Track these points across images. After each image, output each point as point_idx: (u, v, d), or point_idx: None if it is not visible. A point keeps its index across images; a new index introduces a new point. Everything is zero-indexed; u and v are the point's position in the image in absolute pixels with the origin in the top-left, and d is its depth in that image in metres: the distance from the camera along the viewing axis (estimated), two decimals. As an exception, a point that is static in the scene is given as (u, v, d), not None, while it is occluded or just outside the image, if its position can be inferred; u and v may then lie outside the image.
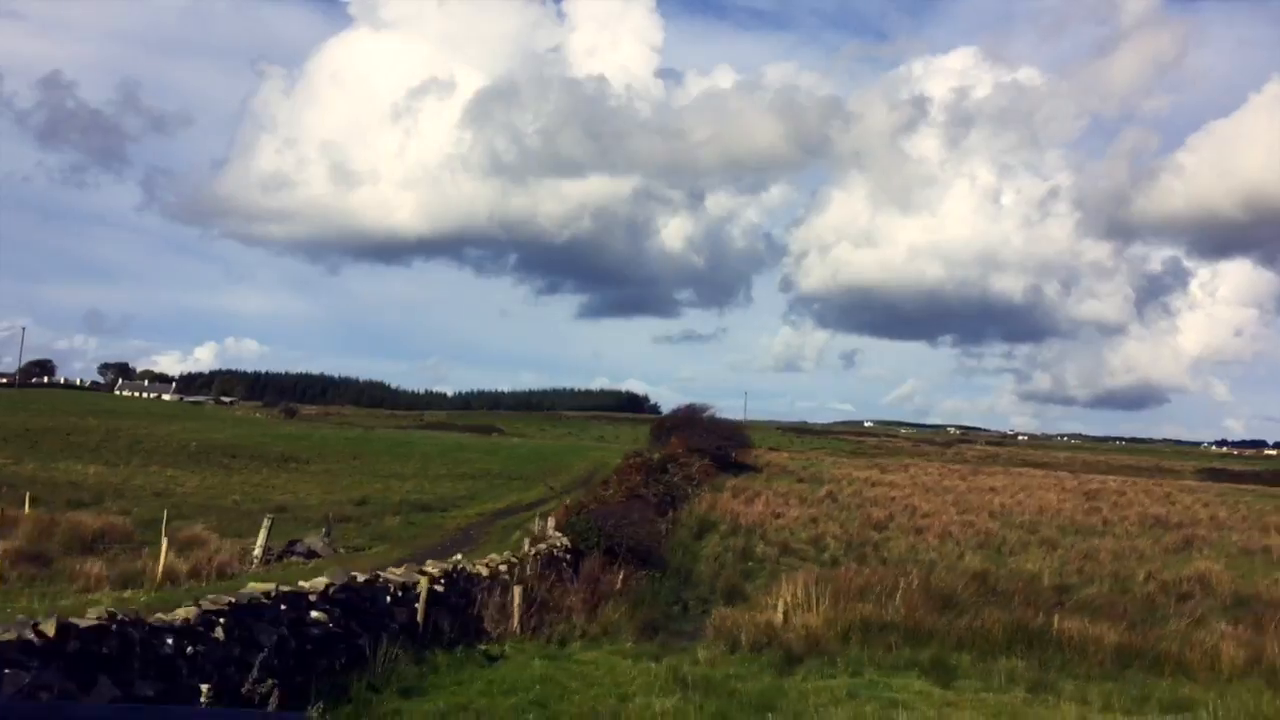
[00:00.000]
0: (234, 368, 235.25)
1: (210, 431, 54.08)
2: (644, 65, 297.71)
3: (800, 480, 47.32)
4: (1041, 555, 26.55)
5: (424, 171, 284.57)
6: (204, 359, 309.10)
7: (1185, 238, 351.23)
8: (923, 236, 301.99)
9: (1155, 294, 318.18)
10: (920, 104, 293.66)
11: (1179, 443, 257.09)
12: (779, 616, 18.15)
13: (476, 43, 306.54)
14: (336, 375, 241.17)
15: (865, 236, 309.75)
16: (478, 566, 14.54)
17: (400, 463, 45.80)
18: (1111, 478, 67.01)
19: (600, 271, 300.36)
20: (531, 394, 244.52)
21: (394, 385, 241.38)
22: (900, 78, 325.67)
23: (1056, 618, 17.87)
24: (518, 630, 13.60)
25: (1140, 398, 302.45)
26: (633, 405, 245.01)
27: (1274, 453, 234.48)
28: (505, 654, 11.75)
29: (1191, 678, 15.98)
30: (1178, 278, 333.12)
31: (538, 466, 46.52)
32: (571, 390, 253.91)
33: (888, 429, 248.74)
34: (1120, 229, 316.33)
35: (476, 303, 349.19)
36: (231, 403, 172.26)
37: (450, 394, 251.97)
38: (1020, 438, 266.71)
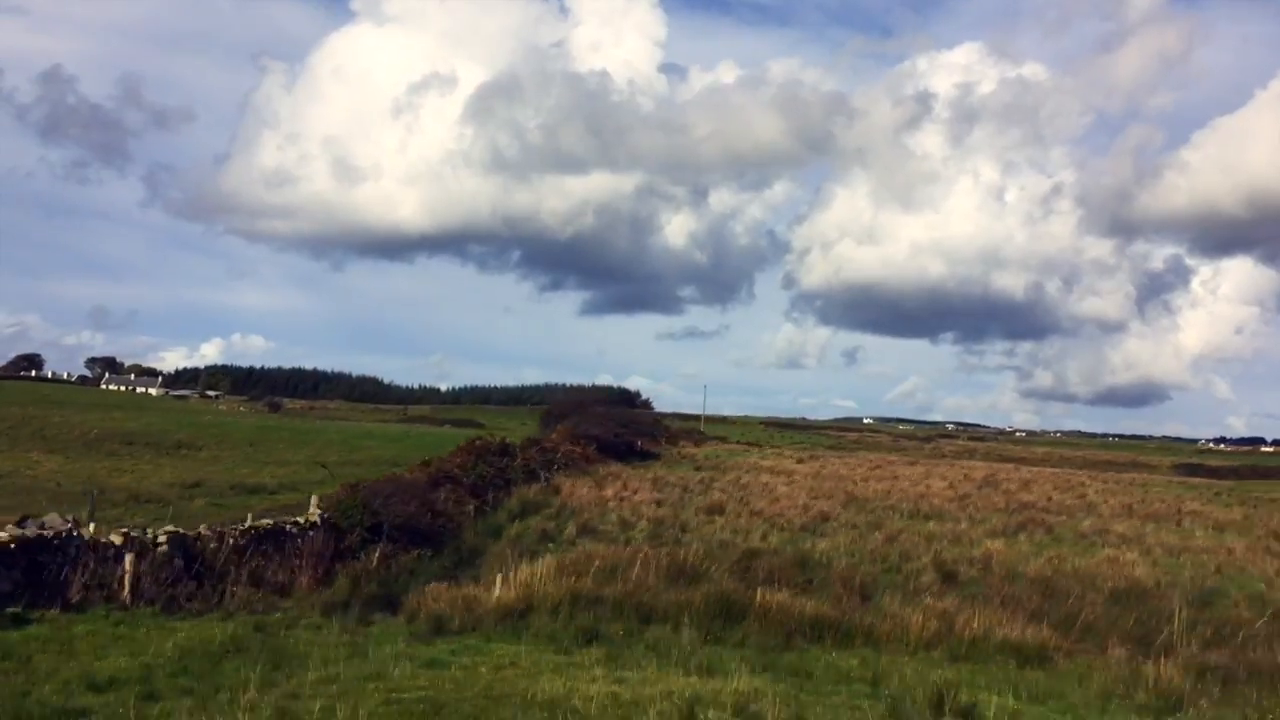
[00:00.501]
0: (239, 363, 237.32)
1: (127, 420, 54.45)
2: (647, 60, 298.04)
3: (697, 468, 47.34)
4: (849, 537, 26.47)
5: (427, 167, 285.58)
6: (210, 355, 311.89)
7: (1187, 235, 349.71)
8: (925, 233, 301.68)
9: (1157, 291, 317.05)
10: (924, 100, 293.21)
11: (1178, 439, 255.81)
12: (493, 592, 18.25)
13: (479, 38, 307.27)
14: (330, 370, 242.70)
15: (868, 233, 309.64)
16: (113, 535, 14.59)
17: (294, 450, 45.97)
18: (1029, 469, 66.67)
19: (603, 268, 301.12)
20: (522, 389, 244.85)
21: (387, 380, 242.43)
22: (904, 73, 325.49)
23: (760, 591, 17.94)
24: (129, 599, 13.64)
25: (1142, 395, 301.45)
26: (624, 400, 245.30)
27: (1270, 450, 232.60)
28: (46, 618, 11.79)
29: (879, 649, 16.07)
30: (1179, 275, 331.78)
31: (434, 453, 46.60)
32: (564, 385, 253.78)
33: (887, 426, 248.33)
34: (1123, 226, 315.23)
35: (480, 299, 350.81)
36: (217, 397, 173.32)
37: (444, 389, 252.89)
38: (1018, 434, 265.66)
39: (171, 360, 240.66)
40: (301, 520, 20.48)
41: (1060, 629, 17.71)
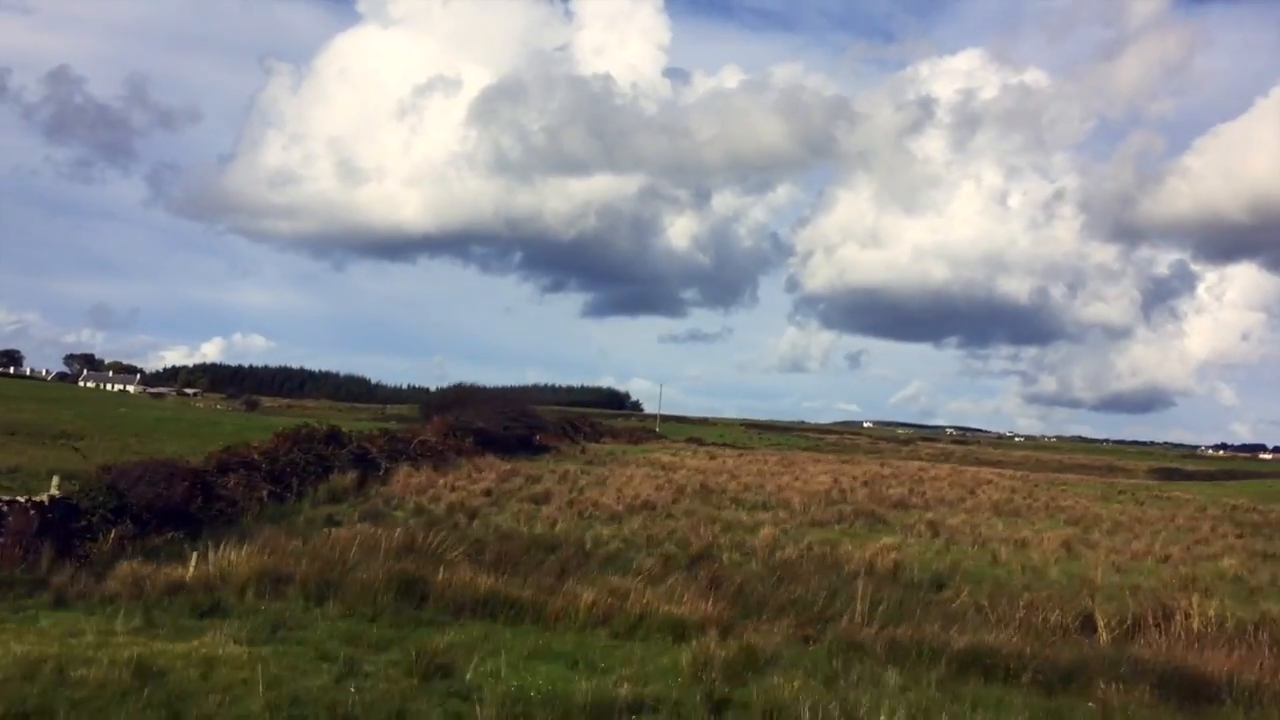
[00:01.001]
0: (241, 363, 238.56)
1: (27, 412, 54.53)
2: (651, 64, 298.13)
3: (589, 463, 47.06)
4: (643, 524, 26.23)
5: (430, 168, 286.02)
6: (211, 354, 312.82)
7: (1191, 241, 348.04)
8: (928, 238, 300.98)
9: (1162, 297, 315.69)
10: (926, 105, 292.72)
11: (1180, 445, 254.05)
12: (188, 570, 18.07)
13: (484, 41, 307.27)
14: (317, 370, 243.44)
15: (871, 237, 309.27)
16: None
17: (180, 441, 45.68)
18: (953, 467, 66.11)
19: (606, 270, 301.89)
20: (509, 390, 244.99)
21: (375, 380, 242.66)
22: (907, 79, 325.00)
23: (442, 570, 17.75)
24: None
25: (1147, 401, 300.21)
26: (614, 401, 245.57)
27: (1268, 456, 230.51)
28: None
29: (546, 625, 15.94)
30: (1184, 281, 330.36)
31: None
32: (553, 386, 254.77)
33: (881, 430, 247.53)
34: (1126, 232, 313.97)
35: (482, 300, 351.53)
36: (195, 395, 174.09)
37: (433, 389, 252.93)
38: (1017, 439, 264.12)
39: (172, 359, 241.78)
40: (23, 499, 20.22)
41: (749, 607, 17.49)
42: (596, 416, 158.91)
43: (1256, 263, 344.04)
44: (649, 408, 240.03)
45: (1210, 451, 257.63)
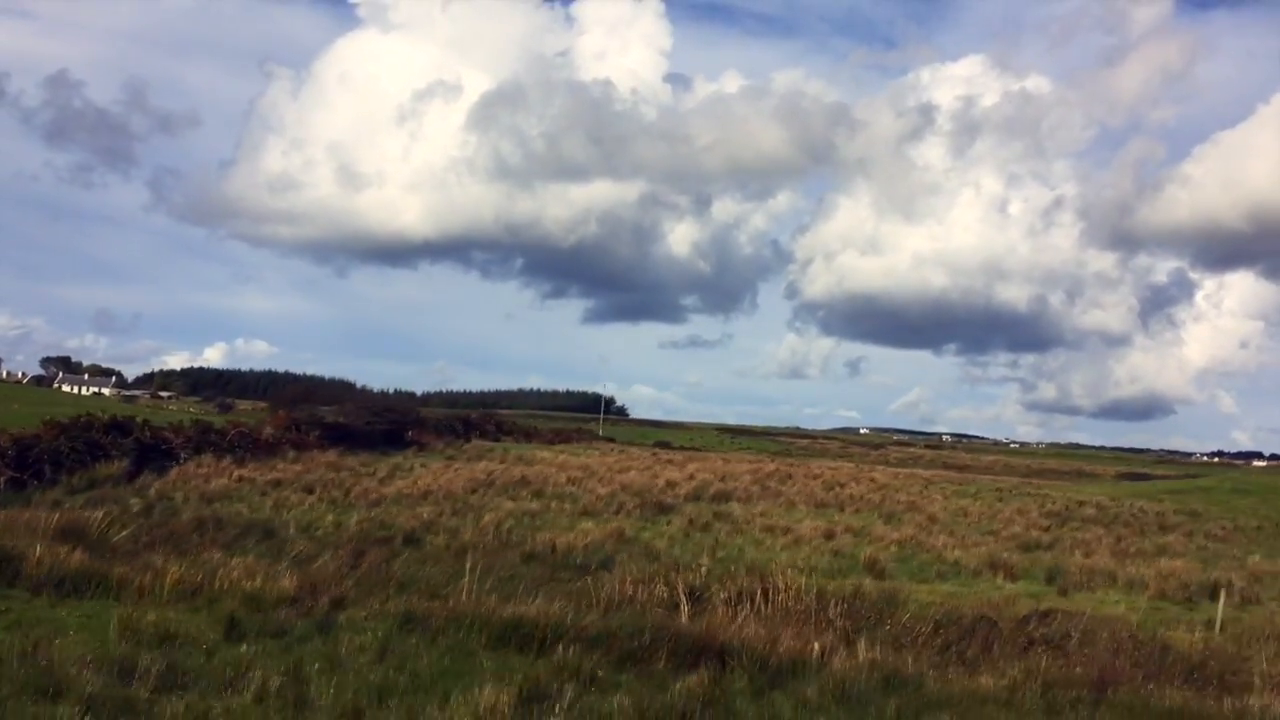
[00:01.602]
0: (242, 368, 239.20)
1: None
2: (652, 70, 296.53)
3: (449, 459, 46.50)
4: (385, 511, 25.79)
5: (430, 174, 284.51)
6: (214, 359, 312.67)
7: (1190, 249, 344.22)
8: (928, 244, 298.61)
9: (1160, 305, 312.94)
10: (927, 112, 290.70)
11: (1176, 453, 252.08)
12: None
13: (484, 46, 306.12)
14: (302, 374, 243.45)
15: (871, 244, 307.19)
16: None
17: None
18: (860, 468, 65.34)
19: (606, 276, 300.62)
20: (496, 394, 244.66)
21: (360, 384, 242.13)
22: (907, 85, 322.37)
23: (39, 545, 17.20)
24: None
25: (1146, 408, 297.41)
26: (599, 406, 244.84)
27: (1262, 464, 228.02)
28: None
29: (129, 600, 15.41)
30: (1183, 289, 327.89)
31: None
32: (538, 391, 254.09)
33: (860, 436, 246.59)
34: (1125, 239, 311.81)
35: (483, 306, 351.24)
36: (170, 398, 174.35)
37: (419, 394, 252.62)
38: (1012, 445, 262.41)
39: (174, 364, 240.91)
40: None
41: (376, 584, 17.00)
42: (581, 420, 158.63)
43: (1255, 271, 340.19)
44: (635, 413, 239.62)
45: (1206, 459, 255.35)
